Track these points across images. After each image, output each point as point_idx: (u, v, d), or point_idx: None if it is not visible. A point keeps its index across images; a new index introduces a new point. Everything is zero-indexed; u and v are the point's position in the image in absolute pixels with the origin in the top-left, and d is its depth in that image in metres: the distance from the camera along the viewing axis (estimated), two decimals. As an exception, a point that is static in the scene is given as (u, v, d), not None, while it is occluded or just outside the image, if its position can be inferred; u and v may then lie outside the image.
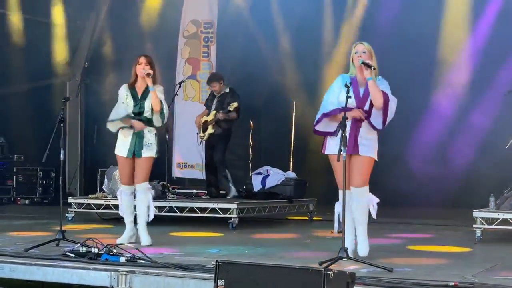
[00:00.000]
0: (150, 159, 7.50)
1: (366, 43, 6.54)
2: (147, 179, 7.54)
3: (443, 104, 12.62)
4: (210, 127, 10.43)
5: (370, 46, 6.51)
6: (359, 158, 6.44)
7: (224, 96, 10.52)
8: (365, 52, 6.46)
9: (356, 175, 6.44)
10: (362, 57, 6.42)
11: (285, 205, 10.52)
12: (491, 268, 6.03)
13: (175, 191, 10.68)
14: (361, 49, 6.48)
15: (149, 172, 7.56)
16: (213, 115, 10.45)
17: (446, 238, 8.56)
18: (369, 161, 6.46)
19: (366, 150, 6.44)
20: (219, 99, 10.53)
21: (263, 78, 13.37)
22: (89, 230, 9.04)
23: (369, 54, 6.46)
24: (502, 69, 11.84)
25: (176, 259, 6.22)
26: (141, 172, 7.49)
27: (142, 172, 7.50)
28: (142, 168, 7.49)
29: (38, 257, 6.25)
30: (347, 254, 5.95)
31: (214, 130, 10.43)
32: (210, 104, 10.65)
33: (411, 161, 12.54)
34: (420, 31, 12.09)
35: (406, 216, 10.92)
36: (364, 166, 6.45)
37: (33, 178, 13.86)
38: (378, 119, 6.40)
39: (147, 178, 7.54)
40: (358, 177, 6.44)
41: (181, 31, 12.81)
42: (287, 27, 13.63)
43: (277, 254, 6.85)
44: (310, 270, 4.66)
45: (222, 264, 4.91)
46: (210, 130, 10.44)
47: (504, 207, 8.03)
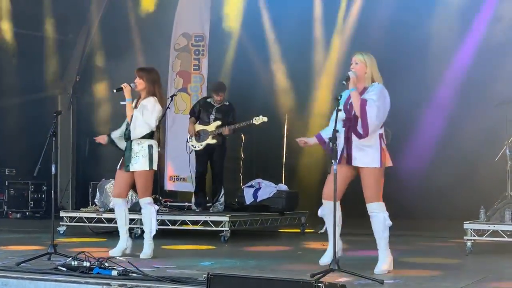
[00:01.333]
0: (140, 173, 7.45)
1: (363, 53, 6.57)
2: (146, 193, 7.49)
3: (433, 116, 12.67)
4: (211, 137, 10.22)
5: (366, 57, 6.52)
6: (361, 171, 6.42)
7: (225, 109, 10.34)
8: (357, 63, 6.52)
9: (363, 190, 6.42)
10: (354, 68, 6.49)
11: (277, 217, 10.54)
12: (482, 280, 6.06)
13: (167, 204, 10.67)
14: (354, 60, 6.56)
15: (147, 186, 7.50)
16: (215, 126, 10.24)
17: (437, 250, 8.59)
18: (370, 172, 6.40)
19: (363, 161, 6.39)
20: (220, 110, 10.33)
21: (254, 91, 13.41)
22: (81, 243, 9.02)
23: (362, 65, 6.49)
24: (493, 81, 11.89)
25: (168, 272, 6.23)
26: (137, 187, 7.53)
27: (138, 187, 7.52)
28: (137, 183, 7.50)
29: (30, 271, 6.23)
30: (338, 267, 5.97)
31: (216, 141, 10.23)
32: (206, 113, 10.33)
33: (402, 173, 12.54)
34: (410, 45, 12.17)
35: (397, 228, 10.89)
36: (365, 179, 6.41)
37: (24, 192, 13.82)
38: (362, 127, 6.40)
39: (146, 193, 7.49)
40: (364, 192, 6.42)
41: (172, 44, 12.84)
42: (278, 40, 13.69)
43: (269, 266, 6.86)
44: (301, 282, 4.69)
45: (214, 276, 4.93)
46: (211, 141, 10.23)
47: (495, 219, 8.06)
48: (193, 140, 10.33)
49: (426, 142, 12.74)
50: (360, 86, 6.49)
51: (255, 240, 9.71)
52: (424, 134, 12.72)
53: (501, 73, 11.81)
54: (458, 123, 12.56)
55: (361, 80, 6.49)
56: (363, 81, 6.49)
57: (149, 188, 7.55)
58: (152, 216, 7.48)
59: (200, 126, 10.36)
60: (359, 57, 6.54)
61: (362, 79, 6.49)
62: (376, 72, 6.53)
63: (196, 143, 10.31)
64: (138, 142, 7.49)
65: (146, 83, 7.54)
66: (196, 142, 10.31)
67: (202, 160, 10.44)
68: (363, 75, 6.49)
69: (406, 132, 12.55)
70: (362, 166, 6.41)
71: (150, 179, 7.54)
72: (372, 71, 6.50)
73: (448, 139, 12.64)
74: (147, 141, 7.51)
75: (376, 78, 6.51)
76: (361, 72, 6.49)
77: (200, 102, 10.67)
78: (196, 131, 10.32)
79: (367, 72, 6.49)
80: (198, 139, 10.30)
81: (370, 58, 6.54)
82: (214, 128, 10.25)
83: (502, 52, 11.89)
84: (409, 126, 12.61)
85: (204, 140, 10.27)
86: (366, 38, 12.76)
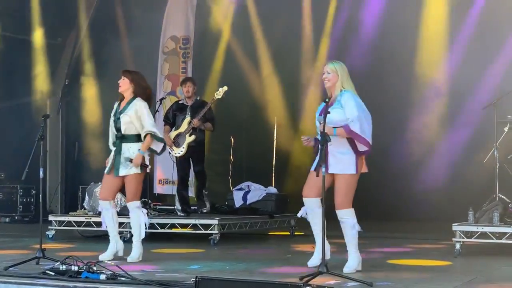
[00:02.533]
0: (133, 177, 7.45)
1: (334, 63, 6.69)
2: (135, 197, 7.51)
3: (422, 118, 12.71)
4: (187, 136, 9.85)
5: (337, 66, 6.63)
6: (335, 177, 6.49)
7: (197, 104, 9.97)
8: (329, 73, 6.63)
9: (335, 195, 6.50)
10: (327, 78, 6.61)
11: (267, 220, 10.54)
12: (471, 281, 6.08)
13: (157, 208, 10.64)
14: (326, 70, 6.67)
15: (137, 190, 7.51)
16: (186, 123, 9.89)
17: (426, 251, 8.60)
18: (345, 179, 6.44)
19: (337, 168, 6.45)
20: (193, 108, 9.95)
21: (244, 95, 13.42)
22: (70, 248, 9.00)
23: (334, 74, 6.60)
24: (480, 84, 11.95)
25: (157, 276, 6.22)
26: (127, 191, 7.52)
27: (127, 191, 7.51)
28: (126, 187, 7.50)
29: (18, 275, 6.21)
30: (327, 269, 5.97)
31: (194, 136, 9.85)
32: (181, 116, 9.99)
33: (391, 175, 12.60)
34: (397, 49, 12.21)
35: (386, 230, 10.97)
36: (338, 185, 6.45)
37: (13, 196, 13.75)
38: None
39: (135, 197, 7.50)
40: (336, 198, 6.50)
41: (161, 47, 12.85)
42: (267, 44, 13.70)
43: (258, 269, 6.86)
44: (289, 285, 4.69)
45: (202, 280, 4.93)
46: (189, 139, 9.85)
47: (483, 221, 8.09)
48: (174, 149, 9.97)
49: (414, 145, 12.78)
50: (334, 94, 6.61)
51: (245, 243, 9.71)
52: (412, 136, 12.75)
53: (488, 76, 11.86)
54: (446, 125, 12.61)
55: (333, 88, 6.62)
56: (334, 89, 6.62)
57: (138, 192, 7.57)
58: (140, 220, 7.49)
59: (174, 132, 10.01)
60: (330, 66, 6.66)
61: (334, 88, 6.62)
62: (346, 79, 6.64)
63: (177, 149, 9.95)
64: (128, 147, 7.49)
65: (131, 83, 7.54)
66: (177, 149, 9.95)
67: (182, 164, 10.09)
68: (335, 84, 6.61)
69: (394, 135, 12.59)
70: (338, 172, 6.45)
71: (140, 183, 7.56)
72: (343, 80, 6.62)
73: (437, 142, 12.69)
74: (136, 145, 7.51)
75: (346, 86, 6.62)
76: (333, 81, 6.60)
77: (173, 106, 10.29)
78: (173, 140, 9.95)
79: (338, 80, 6.60)
80: (178, 145, 9.94)
81: (341, 67, 6.66)
82: (187, 126, 9.88)
83: (489, 55, 11.94)
84: (397, 129, 12.64)
85: (183, 142, 9.89)
86: (354, 42, 12.81)
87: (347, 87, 6.61)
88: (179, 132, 9.93)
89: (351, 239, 6.55)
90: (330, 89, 6.64)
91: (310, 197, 6.67)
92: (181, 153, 9.93)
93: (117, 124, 7.53)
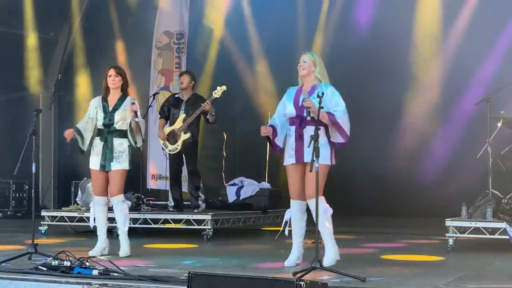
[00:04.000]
0: (121, 172, 7.51)
1: (312, 53, 6.75)
2: (121, 191, 7.57)
3: (415, 114, 12.70)
4: (182, 133, 9.68)
5: (314, 57, 6.68)
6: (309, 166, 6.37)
7: (194, 99, 9.80)
8: (306, 62, 6.66)
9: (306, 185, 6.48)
10: (302, 66, 6.64)
11: (260, 216, 10.53)
12: (464, 277, 6.08)
13: (150, 203, 10.61)
14: (302, 59, 6.69)
15: (123, 184, 7.59)
16: (181, 120, 9.70)
17: (419, 247, 8.61)
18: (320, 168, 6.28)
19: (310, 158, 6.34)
20: (188, 103, 9.78)
21: (237, 90, 13.38)
22: (63, 243, 8.98)
23: (310, 63, 6.63)
24: (474, 79, 11.95)
25: (150, 271, 6.20)
26: (114, 185, 7.51)
27: (115, 185, 7.51)
28: (115, 181, 7.50)
29: (10, 270, 6.20)
30: (320, 264, 5.97)
31: (189, 134, 9.67)
32: (176, 110, 9.82)
33: (383, 171, 12.61)
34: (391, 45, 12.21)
35: (379, 226, 10.98)
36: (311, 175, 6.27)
37: (6, 191, 13.71)
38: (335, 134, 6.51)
39: (121, 191, 7.57)
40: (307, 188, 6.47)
41: (154, 42, 12.81)
42: (261, 38, 13.67)
43: (251, 265, 6.86)
44: (282, 281, 4.68)
45: (195, 275, 4.92)
46: (184, 137, 9.68)
47: (476, 216, 8.10)
48: (168, 146, 9.80)
49: (407, 140, 12.78)
50: (308, 84, 6.64)
51: (238, 239, 9.70)
52: (405, 132, 12.75)
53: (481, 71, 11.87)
54: (439, 120, 12.62)
55: (308, 77, 6.64)
56: (311, 79, 6.64)
57: (123, 186, 7.62)
58: (126, 212, 7.58)
59: (169, 128, 9.84)
60: (308, 56, 6.70)
61: (309, 77, 6.64)
62: (323, 72, 6.67)
63: (172, 146, 9.77)
64: (120, 142, 7.52)
65: (122, 81, 7.59)
66: (171, 146, 9.77)
67: (175, 160, 9.94)
68: (312, 74, 6.63)
69: (387, 130, 12.59)
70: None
71: (125, 177, 7.60)
72: (320, 71, 6.64)
73: (430, 137, 12.69)
74: (126, 141, 7.58)
75: (323, 78, 6.63)
76: (309, 70, 6.63)
77: (169, 99, 10.11)
78: (167, 135, 9.80)
79: (315, 70, 6.62)
80: (172, 142, 9.76)
81: (319, 58, 6.71)
82: (182, 123, 9.71)
83: (482, 51, 11.95)
84: (391, 124, 12.64)
85: (178, 139, 9.73)
86: (348, 37, 12.80)
87: (324, 80, 6.62)
88: (173, 129, 9.81)
89: (325, 226, 6.48)
90: (304, 77, 6.65)
91: (300, 200, 6.67)
92: (176, 151, 9.82)
93: (110, 120, 7.53)
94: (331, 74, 6.87)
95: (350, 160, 11.65)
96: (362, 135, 11.56)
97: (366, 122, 11.56)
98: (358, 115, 11.42)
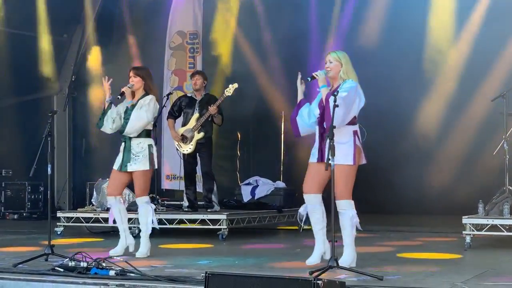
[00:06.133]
0: (142, 173, 7.46)
1: (337, 52, 6.61)
2: (145, 192, 7.54)
3: (430, 111, 12.65)
4: (196, 133, 9.71)
5: (340, 54, 6.54)
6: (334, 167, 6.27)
7: (206, 99, 9.84)
8: (331, 62, 6.54)
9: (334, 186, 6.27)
10: (329, 67, 6.51)
11: (275, 215, 10.52)
12: (482, 275, 6.04)
13: (165, 203, 10.62)
14: (328, 59, 6.57)
15: (147, 185, 7.55)
16: (194, 120, 9.73)
17: (436, 245, 8.56)
18: (342, 169, 6.28)
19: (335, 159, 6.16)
20: (201, 103, 9.82)
21: (251, 90, 13.37)
22: (79, 244, 8.99)
23: (337, 63, 6.51)
24: (489, 75, 11.90)
25: (166, 272, 6.20)
26: (136, 187, 7.54)
27: (137, 187, 7.53)
28: (136, 183, 7.52)
29: (27, 272, 6.22)
30: (337, 263, 5.94)
31: (203, 133, 9.71)
32: (190, 110, 9.84)
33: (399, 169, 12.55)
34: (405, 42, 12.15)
35: (395, 224, 10.93)
36: (336, 176, 6.19)
37: (21, 192, 13.77)
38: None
39: (145, 192, 7.54)
40: (335, 188, 6.27)
41: (167, 42, 12.81)
42: (274, 38, 13.65)
43: (267, 264, 6.84)
44: (300, 280, 4.66)
45: (212, 275, 4.90)
46: (198, 136, 9.72)
47: (493, 213, 8.05)
48: (182, 146, 9.82)
49: (423, 137, 12.73)
50: (335, 84, 6.53)
51: (253, 238, 9.69)
52: (421, 129, 12.70)
53: (497, 67, 11.80)
54: (455, 117, 12.55)
55: (335, 78, 6.52)
56: (337, 79, 6.52)
57: (147, 188, 7.60)
58: (148, 215, 7.50)
59: (182, 128, 9.86)
60: (333, 55, 6.56)
61: (337, 77, 6.51)
62: (350, 70, 6.53)
63: (185, 146, 9.80)
64: (137, 143, 7.51)
65: (143, 81, 7.56)
66: (186, 146, 9.80)
67: (189, 160, 9.93)
68: (338, 73, 6.50)
69: (403, 128, 12.55)
70: (336, 163, 6.22)
71: (149, 178, 7.58)
72: (347, 69, 6.50)
73: (445, 134, 12.63)
74: (146, 140, 7.55)
75: (350, 76, 6.50)
76: (336, 71, 6.50)
77: (181, 99, 10.11)
78: (181, 135, 9.81)
79: (341, 70, 6.49)
80: (186, 142, 9.79)
81: (344, 56, 6.55)
82: (195, 122, 9.74)
83: (497, 46, 11.88)
84: (406, 122, 12.59)
85: (192, 139, 9.75)
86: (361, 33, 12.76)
87: (351, 77, 6.48)
88: (187, 129, 9.82)
89: (349, 232, 6.43)
90: (333, 78, 6.54)
91: (311, 193, 6.60)
92: (190, 151, 9.82)
93: (125, 120, 7.53)
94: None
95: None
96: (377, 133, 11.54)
97: (381, 121, 11.52)
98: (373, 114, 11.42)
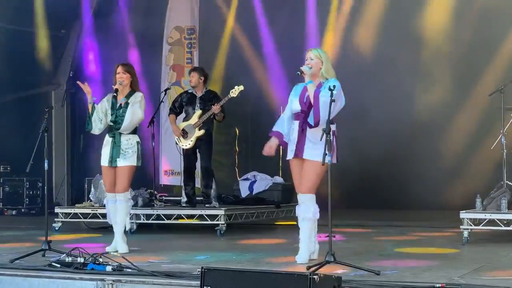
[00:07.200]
0: (128, 168, 7.48)
1: (318, 49, 6.63)
2: (127, 188, 7.55)
3: (427, 106, 12.66)
4: (197, 130, 9.74)
5: (320, 52, 6.56)
6: (306, 162, 6.39)
7: (208, 96, 9.88)
8: (312, 59, 6.54)
9: (302, 181, 6.40)
10: (310, 64, 6.51)
11: (273, 210, 10.52)
12: (478, 269, 6.04)
13: (163, 199, 10.62)
14: (309, 56, 6.57)
15: (129, 181, 7.56)
16: (197, 117, 9.76)
17: (433, 239, 8.57)
18: (316, 166, 6.31)
19: (311, 154, 6.34)
20: (203, 100, 9.85)
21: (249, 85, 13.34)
22: (77, 239, 8.99)
23: (318, 60, 6.51)
24: (486, 71, 11.90)
25: (163, 267, 6.19)
26: (119, 182, 7.51)
27: (120, 182, 7.50)
28: (120, 177, 7.49)
29: (24, 268, 6.22)
30: (334, 258, 5.94)
31: (203, 131, 9.75)
32: (191, 106, 9.86)
33: (397, 164, 12.56)
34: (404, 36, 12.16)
35: (392, 219, 10.93)
36: (307, 170, 6.32)
37: (19, 188, 13.77)
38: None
39: (127, 188, 7.55)
40: (303, 182, 6.40)
41: (165, 38, 12.80)
42: (271, 34, 13.65)
43: (264, 259, 6.84)
44: (296, 275, 4.66)
45: (208, 270, 4.90)
46: (198, 133, 9.75)
47: (491, 208, 8.06)
48: (181, 140, 9.85)
49: (420, 133, 12.73)
50: (315, 81, 6.51)
51: (251, 233, 9.68)
52: (418, 125, 12.70)
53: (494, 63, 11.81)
54: (453, 112, 12.56)
55: (316, 75, 6.51)
56: (318, 76, 6.51)
57: (129, 184, 7.61)
58: (128, 213, 7.59)
59: (184, 123, 9.90)
60: (314, 52, 6.56)
61: (318, 75, 6.51)
62: (330, 68, 6.54)
63: (185, 141, 9.82)
64: (127, 139, 7.52)
65: (131, 78, 7.59)
66: (185, 141, 9.82)
67: (188, 156, 9.96)
68: (319, 71, 6.50)
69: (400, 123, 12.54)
70: (311, 159, 6.33)
71: (132, 175, 7.58)
72: (327, 67, 6.51)
73: (443, 129, 12.64)
74: (134, 137, 7.58)
75: (331, 74, 6.51)
76: (316, 68, 6.50)
77: (183, 96, 10.11)
78: (182, 130, 9.85)
79: (322, 68, 6.50)
80: (186, 137, 9.81)
81: (325, 54, 6.58)
82: (197, 119, 9.76)
83: (495, 42, 11.88)
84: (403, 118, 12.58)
85: (192, 135, 9.77)
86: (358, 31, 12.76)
87: (331, 75, 6.50)
88: (188, 124, 9.84)
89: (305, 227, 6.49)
90: (313, 75, 6.51)
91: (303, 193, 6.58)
92: (189, 146, 9.83)
93: (117, 117, 7.52)
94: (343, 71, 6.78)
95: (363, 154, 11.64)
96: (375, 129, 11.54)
97: (378, 116, 11.52)
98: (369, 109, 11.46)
